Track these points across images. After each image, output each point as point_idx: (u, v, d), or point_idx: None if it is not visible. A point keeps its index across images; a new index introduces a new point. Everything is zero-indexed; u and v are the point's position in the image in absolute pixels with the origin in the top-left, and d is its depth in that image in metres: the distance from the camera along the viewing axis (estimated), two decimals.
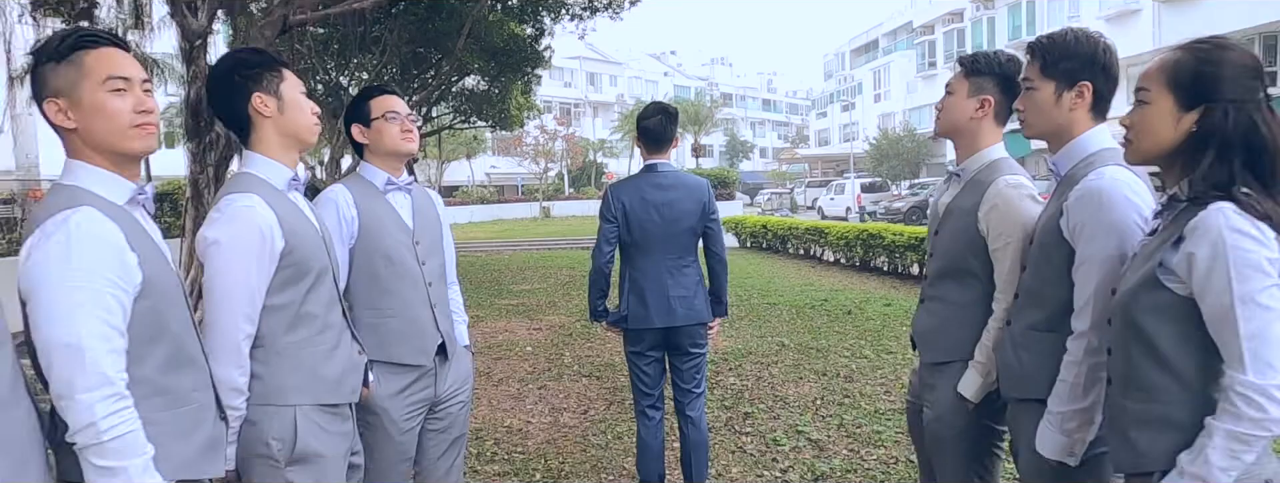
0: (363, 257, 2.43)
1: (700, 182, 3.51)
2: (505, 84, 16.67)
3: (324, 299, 2.06)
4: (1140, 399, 1.63)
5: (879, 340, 7.17)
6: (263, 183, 1.99)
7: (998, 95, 2.28)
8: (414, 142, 2.52)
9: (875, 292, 10.40)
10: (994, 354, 2.18)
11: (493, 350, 7.30)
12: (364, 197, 2.46)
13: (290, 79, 2.04)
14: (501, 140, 46.90)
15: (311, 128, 2.08)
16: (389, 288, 2.45)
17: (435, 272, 2.58)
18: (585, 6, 13.76)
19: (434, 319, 2.52)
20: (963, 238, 2.27)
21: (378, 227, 2.44)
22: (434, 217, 2.65)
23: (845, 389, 5.53)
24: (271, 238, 1.91)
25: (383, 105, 2.48)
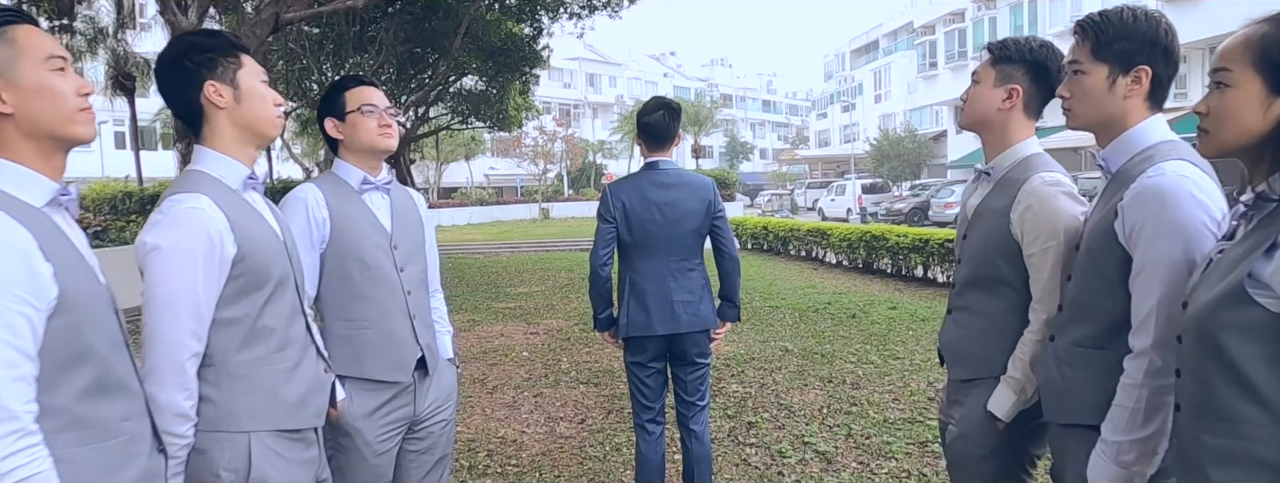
0: (334, 262, 2.23)
1: (705, 180, 3.32)
2: (503, 84, 16.49)
3: (284, 312, 1.85)
4: (1221, 432, 1.38)
5: (885, 345, 6.97)
6: (214, 182, 1.77)
7: (1027, 84, 2.07)
8: (393, 138, 2.31)
9: (879, 295, 10.21)
10: (1031, 371, 1.97)
11: (488, 356, 7.10)
12: (337, 197, 2.26)
13: (249, 66, 1.83)
14: (500, 142, 46.72)
15: (272, 121, 1.87)
16: (364, 296, 2.25)
17: (415, 279, 2.37)
18: (584, 5, 13.58)
19: (413, 331, 2.32)
20: (993, 242, 2.06)
21: (352, 229, 2.24)
22: (415, 219, 2.45)
23: (852, 397, 5.33)
24: (221, 243, 1.69)
25: (359, 97, 2.27)
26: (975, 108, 2.15)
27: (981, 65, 2.15)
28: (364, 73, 15.01)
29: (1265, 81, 1.38)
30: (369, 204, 2.32)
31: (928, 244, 10.83)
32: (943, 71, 36.34)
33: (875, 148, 40.45)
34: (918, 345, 6.91)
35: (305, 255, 2.15)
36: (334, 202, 2.24)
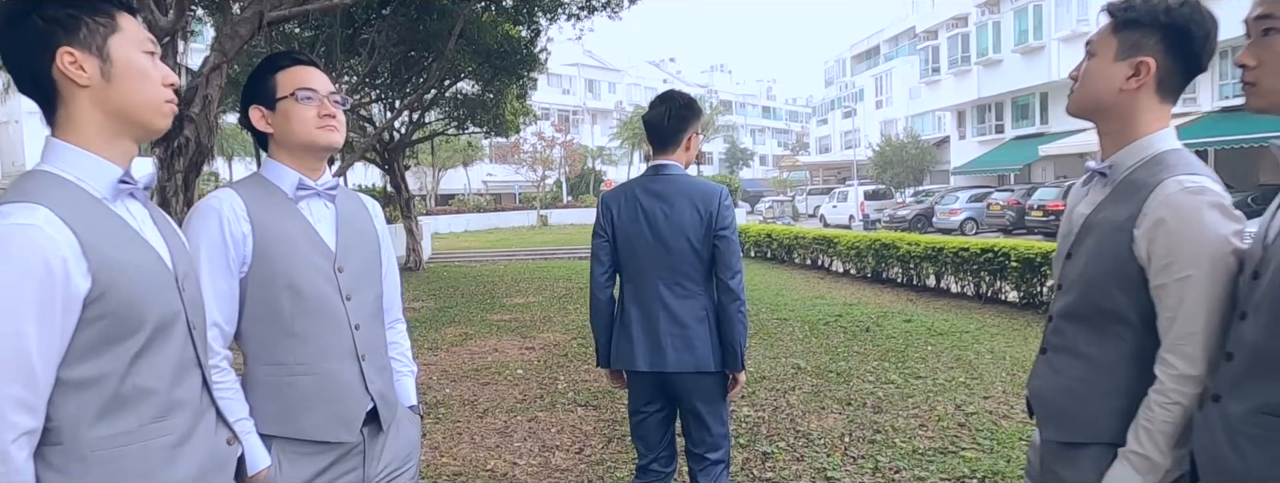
0: (259, 290, 1.75)
1: (708, 188, 2.74)
2: (500, 88, 16.04)
3: (167, 365, 1.37)
4: None
5: (904, 362, 6.52)
6: (67, 187, 1.31)
7: (1162, 57, 1.57)
8: (337, 131, 1.84)
9: (891, 306, 9.75)
10: (1168, 447, 1.48)
11: (480, 374, 6.64)
12: (263, 206, 1.78)
13: (129, 31, 1.37)
14: (499, 148, 46.28)
15: (157, 106, 1.41)
16: (298, 333, 1.76)
17: (366, 309, 1.90)
18: (583, 6, 13.15)
19: (362, 376, 1.84)
20: (1108, 265, 1.58)
21: (281, 247, 1.77)
22: (368, 233, 1.98)
23: (875, 423, 4.87)
24: (63, 275, 1.22)
25: (293, 80, 1.80)
26: (1090, 88, 1.64)
27: (1099, 33, 1.66)
28: (356, 76, 14.59)
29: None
30: (306, 215, 1.85)
31: (941, 253, 10.39)
32: (945, 77, 35.94)
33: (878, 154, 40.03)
34: (939, 362, 6.46)
35: (220, 282, 1.69)
36: (259, 212, 1.77)
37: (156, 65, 1.40)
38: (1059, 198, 21.74)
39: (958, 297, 10.32)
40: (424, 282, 14.89)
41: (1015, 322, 8.32)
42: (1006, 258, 9.15)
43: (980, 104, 34.45)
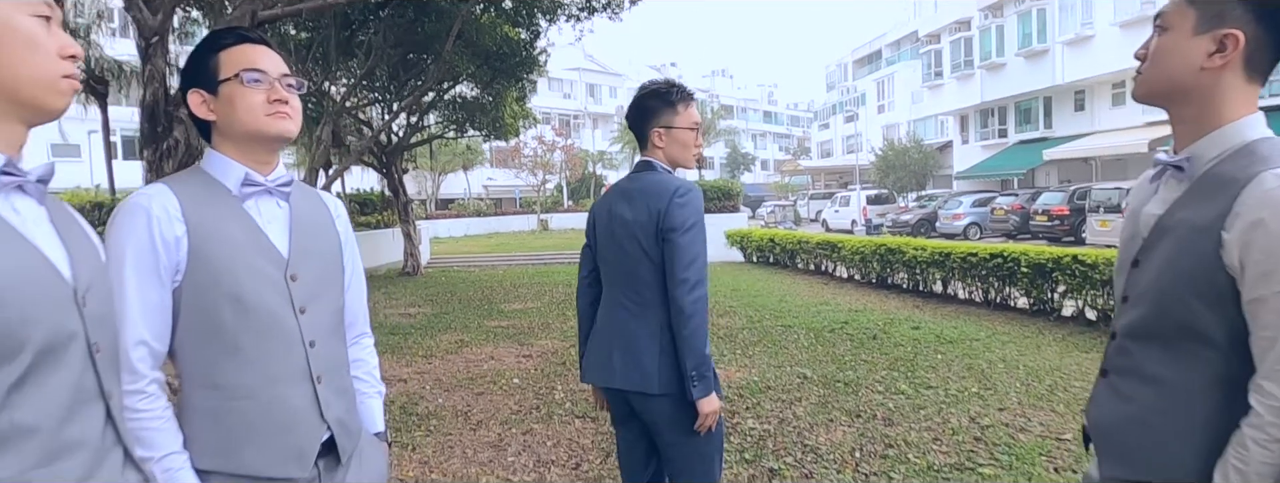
0: (195, 302, 1.51)
1: (664, 183, 2.40)
2: (499, 91, 15.82)
3: (57, 399, 1.11)
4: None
5: (914, 372, 6.28)
6: None
7: (1252, 28, 1.33)
8: (289, 119, 1.60)
9: (898, 312, 9.52)
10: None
11: (475, 383, 6.41)
12: (201, 205, 1.54)
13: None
14: (499, 152, 46.10)
15: (50, 82, 1.17)
16: (241, 352, 1.52)
17: (324, 323, 1.66)
18: (582, 7, 12.93)
19: (317, 401, 1.60)
20: (1188, 274, 1.35)
21: (222, 252, 1.52)
22: (328, 237, 1.74)
23: (886, 436, 4.64)
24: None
25: (238, 60, 1.56)
26: (1164, 68, 1.41)
27: (1173, 4, 1.42)
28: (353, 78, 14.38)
29: None
30: (254, 215, 1.61)
31: (948, 258, 10.15)
32: (948, 81, 35.75)
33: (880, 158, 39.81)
34: (949, 372, 6.23)
35: (149, 293, 1.46)
36: (196, 212, 1.52)
37: (53, 32, 1.17)
38: (1064, 202, 21.52)
39: (965, 303, 10.09)
40: (421, 287, 14.67)
41: (1026, 329, 8.09)
42: (1016, 264, 8.92)
43: (983, 108, 34.27)
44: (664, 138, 2.48)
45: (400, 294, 13.53)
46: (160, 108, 8.06)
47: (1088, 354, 6.74)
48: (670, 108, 2.48)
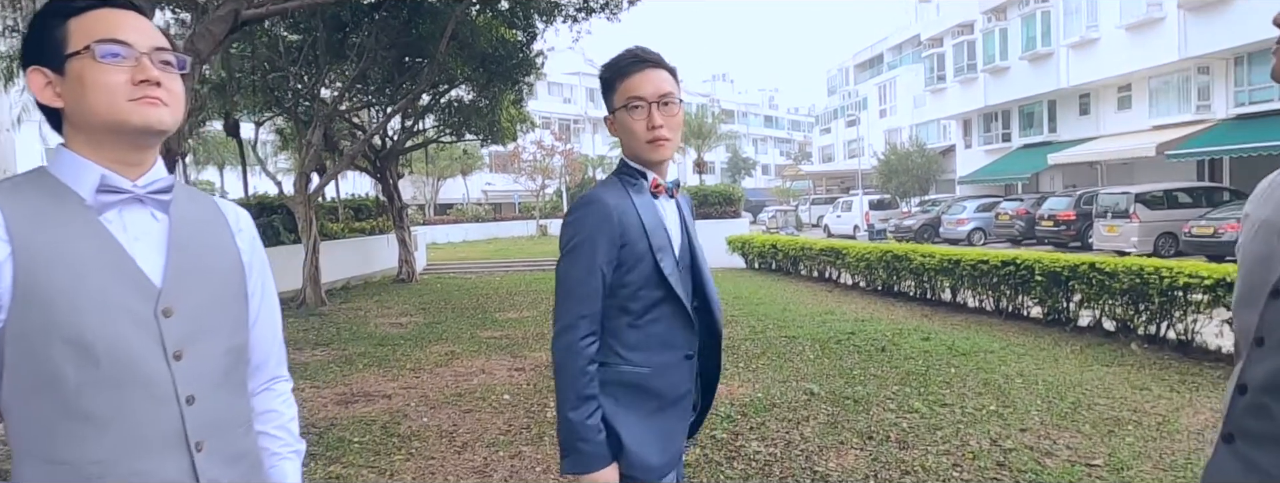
0: (24, 348, 1.15)
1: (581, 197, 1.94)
2: (495, 94, 15.50)
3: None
4: None
5: (927, 387, 5.94)
6: None
7: None
8: (163, 107, 1.24)
9: (906, 322, 9.17)
10: None
11: (463, 399, 6.07)
12: (38, 218, 1.20)
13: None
14: (498, 157, 45.83)
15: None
16: (88, 414, 1.16)
17: (207, 371, 1.28)
18: (580, 7, 12.62)
19: (195, 476, 1.24)
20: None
21: (63, 281, 1.17)
22: (222, 256, 1.37)
23: (901, 461, 4.30)
24: None
25: (91, 29, 1.22)
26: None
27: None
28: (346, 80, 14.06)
29: None
30: (115, 231, 1.25)
31: (958, 266, 9.81)
32: (951, 85, 35.42)
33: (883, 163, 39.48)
34: (965, 387, 5.88)
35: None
36: (27, 227, 1.17)
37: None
38: (1071, 207, 21.18)
39: (975, 312, 9.75)
40: (415, 295, 14.33)
41: (1041, 340, 7.74)
42: (1030, 272, 8.57)
43: (987, 112, 33.94)
44: (614, 127, 1.94)
45: (392, 302, 13.19)
46: None
47: (1109, 368, 6.39)
48: (609, 90, 1.93)
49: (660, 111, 1.83)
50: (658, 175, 1.92)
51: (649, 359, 1.85)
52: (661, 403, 1.86)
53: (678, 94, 1.87)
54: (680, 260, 1.90)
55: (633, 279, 1.83)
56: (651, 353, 1.86)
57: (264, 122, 16.04)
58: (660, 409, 1.86)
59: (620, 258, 1.82)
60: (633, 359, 1.85)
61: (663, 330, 1.86)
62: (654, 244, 1.83)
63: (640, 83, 1.83)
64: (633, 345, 1.85)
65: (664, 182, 1.93)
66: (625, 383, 1.84)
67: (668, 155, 1.89)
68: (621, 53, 1.94)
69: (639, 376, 1.85)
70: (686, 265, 1.92)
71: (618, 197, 1.86)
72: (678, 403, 1.89)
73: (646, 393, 1.85)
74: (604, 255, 1.80)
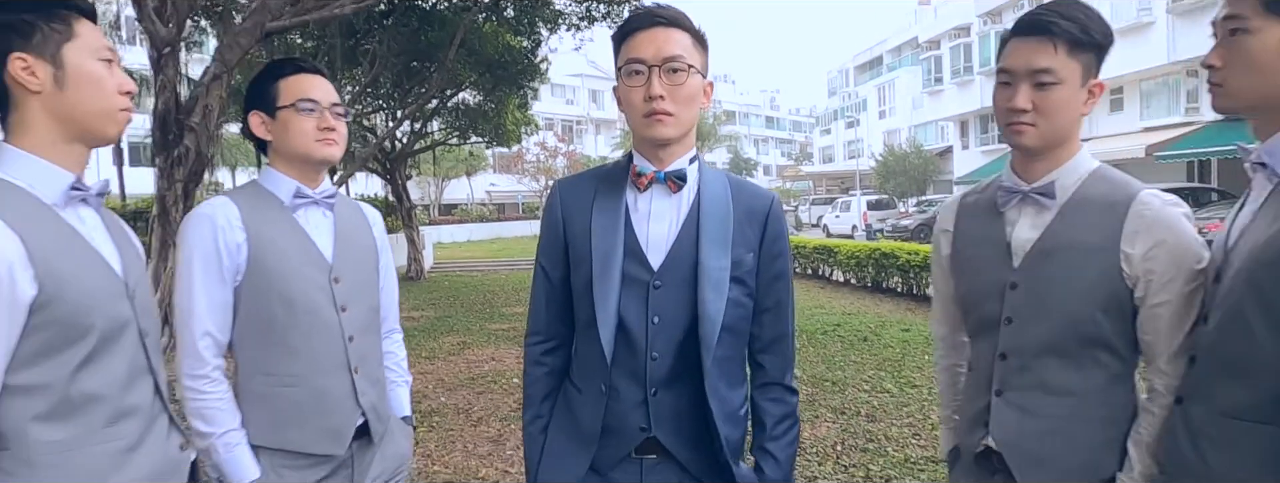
0: (252, 301, 1.75)
1: None
2: (501, 98, 16.08)
3: (117, 373, 1.37)
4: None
5: (900, 372, 6.50)
6: (16, 193, 1.32)
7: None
8: (335, 145, 1.83)
9: (890, 315, 9.74)
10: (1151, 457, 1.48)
11: (476, 383, 6.64)
12: (258, 215, 1.78)
13: (85, 38, 1.38)
14: (502, 158, 46.41)
15: (111, 114, 1.40)
16: (289, 345, 1.76)
17: (361, 320, 1.89)
18: (583, 16, 13.19)
19: (354, 389, 1.83)
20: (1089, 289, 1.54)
21: (276, 258, 1.76)
22: (366, 245, 1.97)
23: (868, 431, 4.86)
24: (10, 281, 1.23)
25: (296, 89, 1.79)
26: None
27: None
28: (358, 86, 14.65)
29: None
30: (303, 224, 1.84)
31: None
32: (948, 87, 35.97)
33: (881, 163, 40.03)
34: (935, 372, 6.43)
35: (213, 291, 1.71)
36: (254, 221, 1.76)
37: (113, 73, 1.40)
38: None
39: None
40: (424, 291, 14.91)
41: None
42: None
43: (983, 114, 34.45)
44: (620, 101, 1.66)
45: (404, 298, 13.71)
46: (172, 116, 8.30)
47: None
48: (615, 54, 1.63)
49: (664, 79, 1.52)
50: (657, 160, 1.62)
51: (583, 381, 1.66)
52: (585, 436, 1.63)
53: (693, 61, 1.55)
54: (660, 273, 1.59)
55: (576, 285, 1.66)
56: (583, 375, 1.66)
57: None
58: (585, 444, 1.63)
59: (570, 261, 1.67)
60: (573, 376, 1.71)
61: (589, 353, 1.63)
62: (595, 250, 1.59)
63: (643, 43, 1.54)
64: (579, 359, 1.70)
65: (657, 170, 1.62)
66: (564, 399, 1.71)
67: (670, 134, 1.57)
68: (636, 10, 1.76)
69: (570, 394, 1.69)
70: (682, 279, 1.58)
71: (578, 188, 1.69)
72: (597, 441, 1.62)
73: (574, 418, 1.66)
74: (547, 256, 1.72)
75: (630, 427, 1.60)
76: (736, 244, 1.61)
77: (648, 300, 1.58)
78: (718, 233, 1.60)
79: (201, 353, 1.69)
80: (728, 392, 1.62)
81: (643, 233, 1.61)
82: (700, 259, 1.57)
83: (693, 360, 1.57)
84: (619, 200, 1.62)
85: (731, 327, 1.60)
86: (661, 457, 1.61)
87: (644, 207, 1.62)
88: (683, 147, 1.63)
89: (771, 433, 1.67)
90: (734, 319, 1.60)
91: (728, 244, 1.60)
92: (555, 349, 1.73)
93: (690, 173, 1.64)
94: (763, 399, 1.70)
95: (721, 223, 1.61)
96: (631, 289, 1.58)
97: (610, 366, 1.58)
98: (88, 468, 1.31)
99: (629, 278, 1.58)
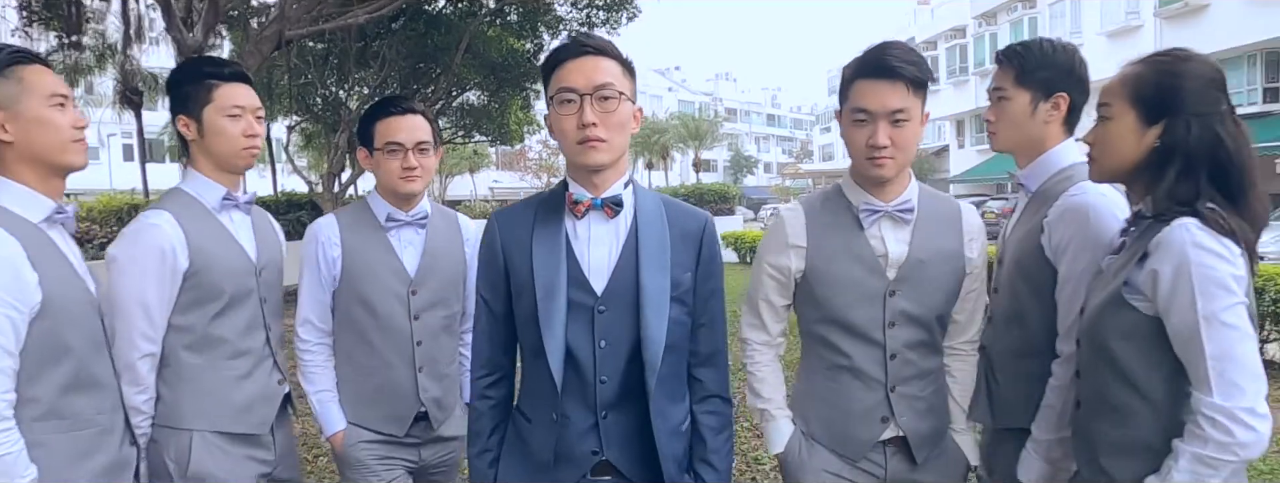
0: (343, 304, 2.21)
1: None
2: (504, 99, 16.67)
3: (239, 324, 2.01)
4: (1112, 423, 1.57)
5: None
6: (194, 203, 1.97)
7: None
8: (416, 181, 2.18)
9: None
10: None
11: None
12: (355, 233, 2.20)
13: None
14: (505, 155, 47.00)
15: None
16: (369, 343, 2.20)
17: (433, 327, 2.24)
18: (582, 22, 13.78)
19: (417, 385, 2.21)
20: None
21: (363, 271, 2.17)
22: (454, 258, 2.31)
23: None
24: (173, 257, 1.87)
25: (385, 132, 2.16)
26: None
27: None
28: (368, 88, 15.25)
29: (1138, 114, 1.57)
30: (393, 242, 2.22)
31: None
32: (944, 87, 36.49)
33: None
34: None
35: (315, 292, 2.22)
36: (350, 237, 2.19)
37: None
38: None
39: None
40: None
41: None
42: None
43: (978, 113, 34.94)
44: (552, 128, 1.73)
45: None
46: None
47: None
48: (546, 83, 1.70)
49: (596, 106, 1.59)
50: (592, 186, 1.67)
51: (532, 411, 1.71)
52: (539, 465, 1.68)
53: (623, 88, 1.62)
54: (604, 298, 1.64)
55: (520, 315, 1.69)
56: (532, 405, 1.71)
57: (296, 126, 17.25)
58: (539, 473, 1.68)
59: (511, 289, 1.70)
60: (521, 405, 1.75)
61: (538, 382, 1.66)
62: (538, 279, 1.63)
63: (573, 72, 1.61)
64: (527, 388, 1.73)
65: (593, 197, 1.67)
66: (514, 429, 1.75)
67: (603, 160, 1.62)
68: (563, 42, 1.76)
69: (520, 425, 1.73)
70: (626, 303, 1.63)
71: (516, 218, 1.74)
72: (548, 470, 1.67)
73: (526, 448, 1.71)
74: (488, 288, 1.74)
75: (582, 452, 1.65)
76: (674, 265, 1.67)
77: (593, 325, 1.63)
78: (656, 255, 1.65)
79: (302, 334, 2.23)
80: (671, 408, 1.69)
81: (584, 259, 1.65)
82: (641, 282, 1.62)
83: (638, 381, 1.63)
84: (558, 228, 1.66)
85: (674, 345, 1.66)
86: (615, 478, 1.68)
87: (583, 233, 1.67)
88: (616, 172, 1.68)
89: (712, 445, 1.74)
90: (676, 338, 1.66)
91: (666, 266, 1.65)
92: (499, 381, 1.76)
93: (625, 198, 1.69)
94: (702, 412, 1.76)
95: (659, 245, 1.66)
96: (577, 315, 1.62)
97: (561, 393, 1.62)
98: (212, 385, 1.96)
99: (574, 304, 1.62)
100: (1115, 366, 1.54)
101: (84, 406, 1.65)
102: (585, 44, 1.62)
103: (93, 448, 1.66)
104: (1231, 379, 1.40)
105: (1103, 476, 1.58)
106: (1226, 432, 1.39)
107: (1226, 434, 1.39)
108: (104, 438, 1.69)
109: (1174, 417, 1.50)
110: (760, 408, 2.00)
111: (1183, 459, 1.43)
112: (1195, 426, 1.43)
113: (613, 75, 1.61)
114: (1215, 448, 1.40)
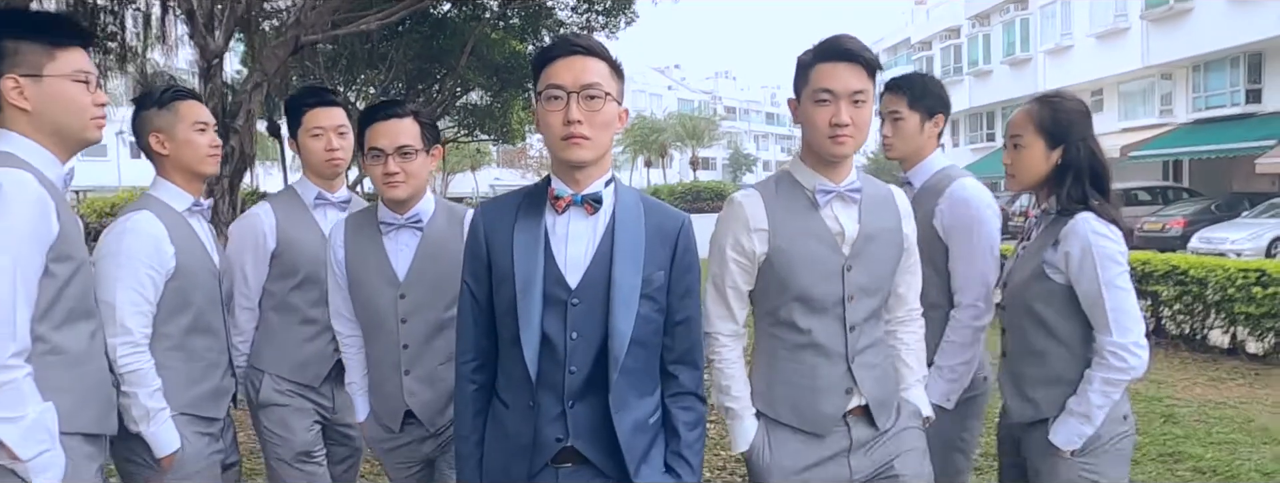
0: (353, 300, 2.33)
1: None
2: (506, 100, 17.22)
3: (311, 297, 2.43)
4: (1035, 364, 2.20)
5: None
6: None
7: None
8: (399, 186, 2.18)
9: None
10: None
11: None
12: (355, 235, 2.28)
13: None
14: (506, 153, 47.49)
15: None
16: (368, 339, 2.33)
17: (421, 330, 2.23)
18: (583, 27, 14.31)
19: (402, 387, 2.25)
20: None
21: (359, 273, 2.26)
22: (452, 257, 2.11)
23: None
24: (265, 239, 2.46)
25: (368, 138, 2.17)
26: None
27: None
28: (375, 88, 15.79)
29: (1045, 142, 2.21)
30: (388, 245, 2.23)
31: None
32: None
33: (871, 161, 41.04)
34: None
35: (338, 290, 2.34)
36: (351, 241, 2.27)
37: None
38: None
39: None
40: None
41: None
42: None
43: (972, 113, 35.41)
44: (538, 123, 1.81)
45: None
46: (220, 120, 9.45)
47: None
48: (534, 80, 1.79)
49: (582, 104, 1.66)
50: (574, 182, 1.74)
51: (510, 397, 1.78)
52: (520, 449, 1.76)
53: (610, 89, 1.69)
54: (577, 292, 1.70)
55: (499, 304, 1.76)
56: (510, 391, 1.78)
57: None
58: (519, 456, 1.76)
59: (491, 280, 1.77)
60: (500, 391, 1.82)
61: (514, 370, 1.74)
62: (517, 272, 1.70)
63: (562, 70, 1.68)
64: (505, 375, 1.80)
65: (575, 193, 1.73)
66: (494, 415, 1.82)
67: (586, 157, 1.69)
68: (554, 40, 1.88)
69: (499, 410, 1.81)
70: (598, 297, 1.70)
71: (499, 211, 1.80)
72: (527, 454, 1.74)
73: (505, 432, 1.78)
74: (472, 277, 1.80)
75: (548, 439, 1.72)
76: (648, 263, 1.72)
77: (566, 318, 1.69)
78: (631, 252, 1.71)
79: (336, 326, 2.39)
80: (636, 401, 1.74)
81: (561, 254, 1.71)
82: (613, 277, 1.68)
83: (604, 373, 1.69)
84: (538, 223, 1.72)
85: (642, 340, 1.71)
86: (577, 464, 1.74)
87: (562, 229, 1.73)
88: (599, 169, 1.74)
89: (685, 440, 1.79)
90: (644, 334, 1.71)
91: (640, 263, 1.71)
92: (483, 367, 1.82)
93: (606, 195, 1.75)
94: (675, 407, 1.80)
95: (634, 243, 1.72)
96: (552, 308, 1.69)
97: (535, 382, 1.69)
98: (284, 341, 2.51)
99: (549, 298, 1.69)
100: (1039, 321, 2.16)
101: (199, 344, 2.25)
102: (575, 43, 1.70)
103: (203, 374, 2.26)
104: (1124, 324, 2.02)
105: (1029, 404, 2.17)
106: (1122, 360, 2.02)
107: (1122, 361, 2.02)
108: (212, 371, 2.29)
109: (1083, 356, 2.11)
110: (728, 406, 2.03)
111: (1094, 382, 2.04)
112: (1100, 357, 2.04)
113: (600, 75, 1.68)
114: (1116, 372, 2.02)
